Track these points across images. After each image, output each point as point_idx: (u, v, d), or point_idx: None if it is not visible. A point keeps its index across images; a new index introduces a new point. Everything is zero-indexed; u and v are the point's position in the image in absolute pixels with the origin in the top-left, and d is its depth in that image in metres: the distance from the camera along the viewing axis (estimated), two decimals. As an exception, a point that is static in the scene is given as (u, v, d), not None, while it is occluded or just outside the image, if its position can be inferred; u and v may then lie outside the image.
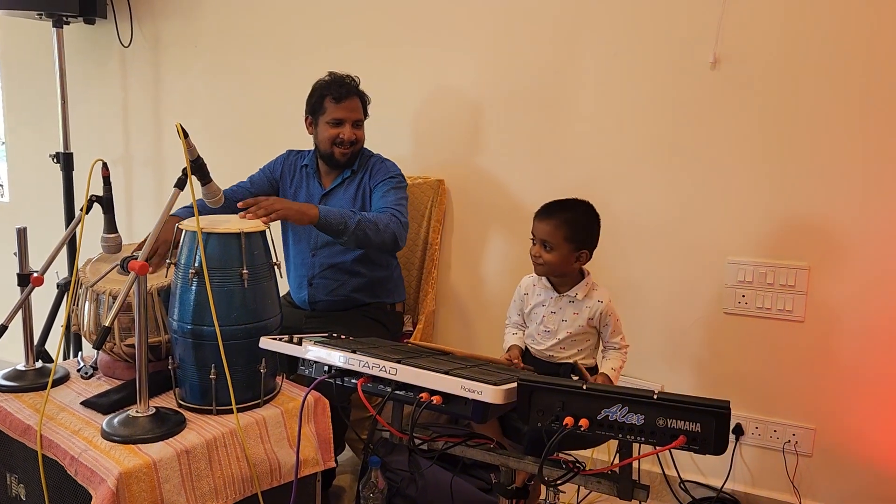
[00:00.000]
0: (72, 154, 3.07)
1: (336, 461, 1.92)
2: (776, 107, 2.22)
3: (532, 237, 2.00)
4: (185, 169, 1.68)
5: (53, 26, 2.98)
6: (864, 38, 2.10)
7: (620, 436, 1.24)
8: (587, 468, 1.41)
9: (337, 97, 2.32)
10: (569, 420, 1.25)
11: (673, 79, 2.34)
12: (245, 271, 1.70)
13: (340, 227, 2.06)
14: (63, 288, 2.69)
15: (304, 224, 2.05)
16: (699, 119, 2.33)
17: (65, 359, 2.15)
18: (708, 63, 2.27)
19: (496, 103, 2.61)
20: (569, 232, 1.93)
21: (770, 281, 2.28)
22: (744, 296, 2.33)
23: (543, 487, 1.58)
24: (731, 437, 2.39)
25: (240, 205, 1.92)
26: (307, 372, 1.58)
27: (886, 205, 2.14)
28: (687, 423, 1.19)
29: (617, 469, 1.34)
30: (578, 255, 1.96)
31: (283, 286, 2.16)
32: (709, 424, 1.18)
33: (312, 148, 2.47)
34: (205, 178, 1.76)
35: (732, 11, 2.23)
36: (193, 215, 1.68)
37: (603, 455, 2.47)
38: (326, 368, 1.53)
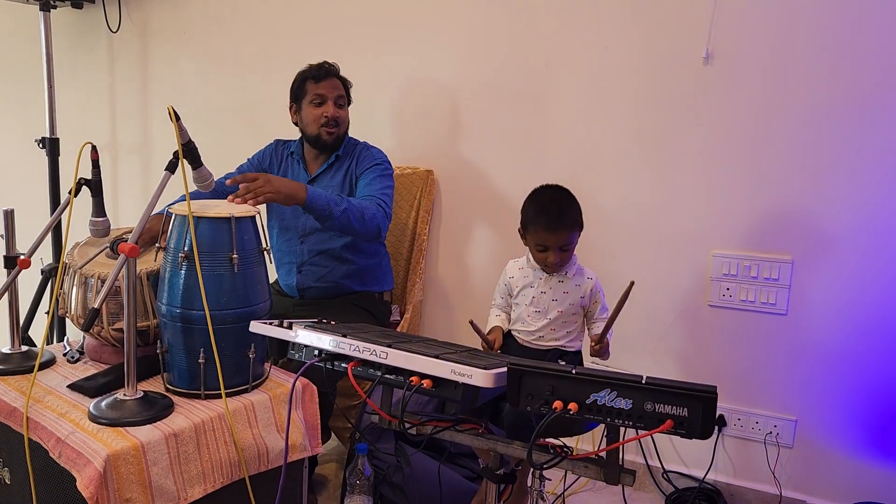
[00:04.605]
0: (58, 139, 3.05)
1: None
2: (763, 101, 2.25)
3: (542, 247, 1.99)
4: (176, 152, 1.68)
5: (41, 10, 2.95)
6: (852, 34, 2.13)
7: (608, 420, 1.25)
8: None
9: (317, 77, 2.36)
10: (558, 404, 1.26)
11: (661, 73, 2.36)
12: (235, 256, 1.70)
13: (325, 213, 2.08)
14: (48, 274, 2.67)
15: (290, 206, 2.10)
16: (686, 112, 2.35)
17: (49, 344, 2.14)
18: (699, 58, 2.29)
19: (486, 94, 2.62)
20: (578, 228, 2.02)
21: (754, 274, 2.31)
22: (728, 289, 2.36)
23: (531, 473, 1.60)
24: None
25: (230, 181, 1.99)
26: (297, 356, 1.58)
27: (870, 199, 2.17)
28: (674, 407, 1.20)
29: (604, 454, 1.35)
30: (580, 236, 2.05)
31: (271, 274, 2.17)
32: (696, 409, 1.19)
33: (299, 137, 2.47)
34: (196, 161, 1.76)
35: (724, 7, 2.25)
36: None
37: (587, 446, 2.49)
38: (316, 352, 1.53)
